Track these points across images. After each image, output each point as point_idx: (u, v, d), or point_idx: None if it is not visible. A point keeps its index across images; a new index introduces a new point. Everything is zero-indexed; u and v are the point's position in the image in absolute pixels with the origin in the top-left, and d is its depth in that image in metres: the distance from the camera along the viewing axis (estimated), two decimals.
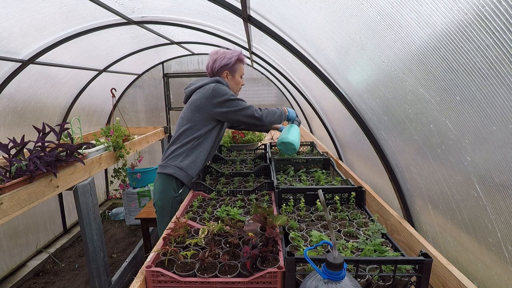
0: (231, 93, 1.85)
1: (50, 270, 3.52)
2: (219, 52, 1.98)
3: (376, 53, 1.10)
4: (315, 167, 2.14)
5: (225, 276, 0.97)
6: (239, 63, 2.00)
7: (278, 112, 2.02)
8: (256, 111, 1.86)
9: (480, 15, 0.61)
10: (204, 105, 1.83)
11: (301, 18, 1.42)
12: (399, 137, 1.26)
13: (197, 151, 1.89)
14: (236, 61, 1.97)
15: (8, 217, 1.71)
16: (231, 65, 1.97)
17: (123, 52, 3.97)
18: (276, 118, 1.99)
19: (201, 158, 1.91)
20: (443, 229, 1.16)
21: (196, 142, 1.88)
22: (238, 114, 1.84)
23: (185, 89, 2.01)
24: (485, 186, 0.84)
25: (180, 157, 1.86)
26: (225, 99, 1.81)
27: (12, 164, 1.79)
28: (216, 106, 1.82)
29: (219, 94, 1.81)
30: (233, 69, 1.98)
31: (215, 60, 1.95)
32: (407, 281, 0.92)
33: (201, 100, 1.83)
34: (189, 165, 1.85)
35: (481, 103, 0.73)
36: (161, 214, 1.86)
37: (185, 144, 1.87)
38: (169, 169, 1.83)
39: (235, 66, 1.98)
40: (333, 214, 1.39)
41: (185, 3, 2.36)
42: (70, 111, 4.01)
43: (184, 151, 1.86)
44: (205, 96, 1.83)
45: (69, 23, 2.60)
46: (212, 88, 1.82)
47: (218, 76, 1.98)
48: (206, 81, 1.91)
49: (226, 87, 1.88)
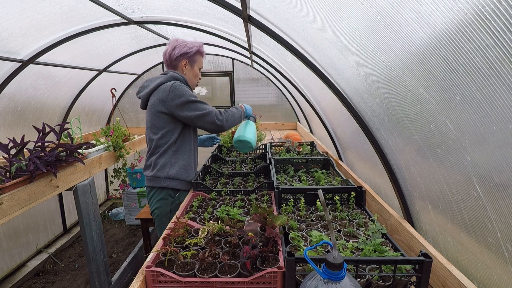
0: (189, 93, 1.71)
1: (50, 270, 3.52)
2: (179, 40, 1.84)
3: (376, 53, 1.10)
4: (315, 167, 2.14)
5: (225, 276, 0.97)
6: (198, 55, 1.88)
7: (237, 114, 1.93)
8: (217, 118, 1.75)
9: (480, 15, 0.61)
10: (165, 109, 1.71)
11: (301, 18, 1.42)
12: (399, 137, 1.26)
13: (181, 155, 1.81)
14: (196, 51, 1.85)
15: (8, 217, 1.71)
16: (191, 55, 1.84)
17: (123, 52, 3.97)
18: (236, 120, 1.91)
19: (190, 159, 1.84)
20: (443, 229, 1.15)
21: (175, 147, 1.79)
22: (199, 120, 1.72)
23: (138, 93, 1.85)
24: (485, 186, 0.84)
25: (166, 167, 1.77)
26: (184, 100, 1.68)
27: (12, 164, 1.79)
28: (176, 108, 1.69)
29: (177, 95, 1.68)
30: (192, 59, 1.86)
31: (175, 47, 1.81)
32: (407, 281, 0.92)
33: (160, 104, 1.70)
34: (179, 172, 1.79)
35: (481, 103, 0.73)
36: (160, 222, 1.82)
37: (164, 153, 1.77)
38: (162, 182, 1.77)
39: (195, 57, 1.86)
40: (333, 214, 1.39)
41: (185, 3, 2.36)
42: (70, 111, 4.01)
43: (168, 160, 1.78)
44: (163, 98, 1.69)
45: (69, 23, 2.60)
46: (169, 88, 1.68)
47: (176, 64, 1.85)
48: (160, 80, 1.75)
49: (183, 85, 1.74)
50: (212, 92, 5.49)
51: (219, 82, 5.43)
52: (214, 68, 5.35)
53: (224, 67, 5.34)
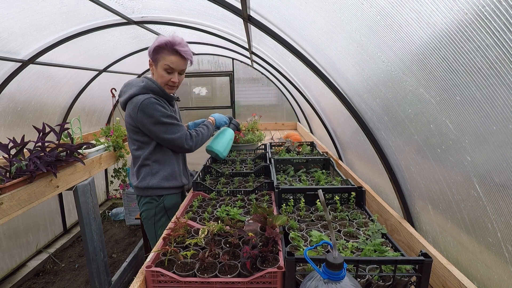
0: (159, 113, 1.59)
1: (50, 270, 3.52)
2: (159, 37, 1.63)
3: (376, 53, 1.10)
4: (315, 167, 2.14)
5: (225, 276, 0.97)
6: (161, 52, 1.61)
7: (207, 134, 1.86)
8: (186, 143, 1.69)
9: (480, 15, 0.61)
10: (138, 126, 1.63)
11: (301, 18, 1.42)
12: (399, 137, 1.26)
13: (162, 165, 1.74)
14: (156, 48, 1.60)
15: (8, 217, 1.71)
16: (153, 54, 1.63)
17: (123, 52, 3.97)
18: (205, 140, 1.85)
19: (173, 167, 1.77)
20: (443, 229, 1.16)
21: (153, 158, 1.72)
22: (167, 143, 1.68)
23: (118, 97, 1.77)
24: (485, 186, 0.84)
25: (147, 178, 1.72)
26: (153, 122, 1.59)
27: (12, 164, 1.79)
28: (145, 127, 1.61)
29: (146, 114, 1.57)
30: (154, 58, 1.64)
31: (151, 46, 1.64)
32: (407, 281, 0.92)
33: (131, 119, 1.63)
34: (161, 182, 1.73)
35: (481, 103, 0.73)
36: (147, 224, 1.80)
37: (143, 165, 1.72)
38: (145, 191, 1.74)
39: (157, 55, 1.62)
40: (333, 214, 1.39)
41: (185, 3, 2.36)
42: (70, 111, 4.01)
43: (149, 171, 1.72)
44: (132, 116, 1.60)
45: (69, 23, 2.60)
46: (138, 106, 1.57)
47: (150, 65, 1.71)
48: (133, 91, 1.62)
49: (154, 102, 1.59)
50: (212, 92, 5.49)
51: (219, 82, 5.43)
52: (214, 68, 5.36)
53: (224, 67, 5.34)
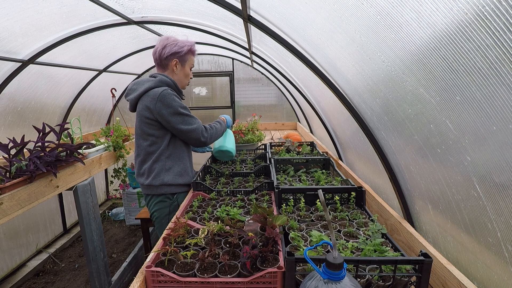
0: (177, 103, 1.66)
1: (50, 270, 3.52)
2: (170, 38, 1.78)
3: (376, 53, 1.10)
4: (315, 167, 2.14)
5: (225, 276, 0.97)
6: (190, 55, 1.82)
7: (221, 130, 1.95)
8: (202, 135, 1.75)
9: (480, 15, 0.61)
10: (153, 116, 1.66)
11: (301, 18, 1.42)
12: (399, 137, 1.26)
13: (175, 161, 1.77)
14: (188, 51, 1.79)
15: (8, 217, 1.71)
16: (182, 54, 1.78)
17: (123, 52, 3.97)
18: (219, 136, 1.94)
19: (185, 164, 1.82)
20: (443, 229, 1.15)
21: (167, 153, 1.75)
22: (184, 135, 1.72)
23: (126, 96, 1.79)
24: (485, 186, 0.84)
25: (161, 174, 1.74)
26: (172, 112, 1.64)
27: (12, 164, 1.79)
28: (163, 118, 1.65)
29: (165, 105, 1.63)
30: (183, 59, 1.80)
31: (165, 46, 1.75)
32: (407, 281, 0.92)
33: (148, 111, 1.66)
34: (175, 178, 1.76)
35: (481, 103, 0.73)
36: (160, 223, 1.81)
37: (157, 160, 1.74)
38: (158, 189, 1.75)
39: (186, 56, 1.80)
40: (333, 214, 1.39)
41: (185, 3, 2.36)
42: (70, 111, 4.01)
43: (162, 166, 1.74)
44: (150, 106, 1.64)
45: (69, 23, 2.60)
46: (157, 97, 1.63)
47: (166, 63, 1.78)
48: (149, 84, 1.68)
49: (173, 93, 1.67)
50: (212, 92, 5.49)
51: (219, 82, 5.43)
52: (214, 68, 5.35)
53: (224, 67, 5.34)
